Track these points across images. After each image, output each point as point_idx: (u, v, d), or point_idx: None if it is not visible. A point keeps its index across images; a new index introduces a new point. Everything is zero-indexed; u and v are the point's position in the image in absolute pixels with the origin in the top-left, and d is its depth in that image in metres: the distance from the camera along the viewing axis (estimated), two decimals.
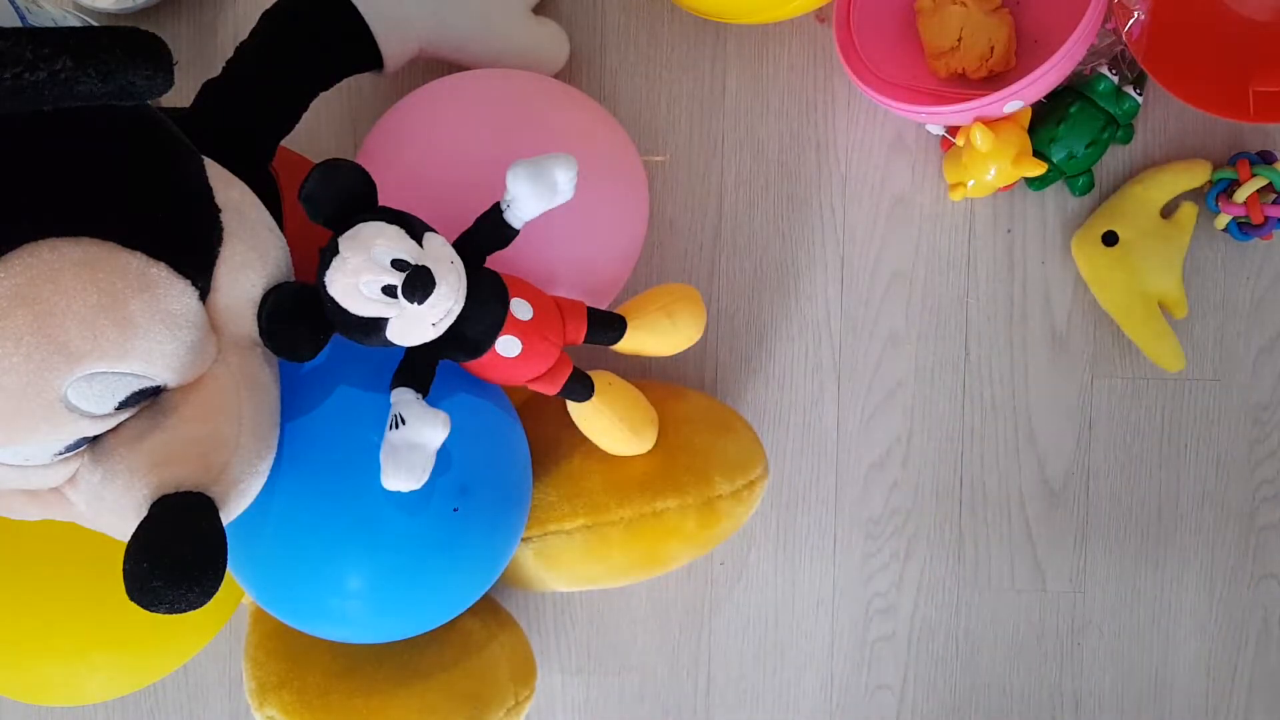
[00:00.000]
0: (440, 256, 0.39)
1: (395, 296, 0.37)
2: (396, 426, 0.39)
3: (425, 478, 0.38)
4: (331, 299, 0.38)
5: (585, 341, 0.47)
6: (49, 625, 0.44)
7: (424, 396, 0.42)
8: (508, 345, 0.43)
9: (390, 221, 0.39)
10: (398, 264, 0.38)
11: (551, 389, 0.46)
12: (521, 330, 0.43)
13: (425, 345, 0.41)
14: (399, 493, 0.39)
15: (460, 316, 0.41)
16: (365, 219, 0.39)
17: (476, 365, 0.44)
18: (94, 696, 0.45)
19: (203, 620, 0.47)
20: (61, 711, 0.56)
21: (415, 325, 0.39)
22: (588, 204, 0.45)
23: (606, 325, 0.46)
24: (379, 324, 0.38)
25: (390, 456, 0.38)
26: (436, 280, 0.38)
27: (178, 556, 0.33)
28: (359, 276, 0.37)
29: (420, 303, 0.37)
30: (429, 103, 0.49)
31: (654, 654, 0.62)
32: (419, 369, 0.42)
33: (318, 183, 0.39)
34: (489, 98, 0.49)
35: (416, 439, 0.39)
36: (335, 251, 0.38)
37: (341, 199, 0.39)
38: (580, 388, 0.47)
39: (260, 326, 0.38)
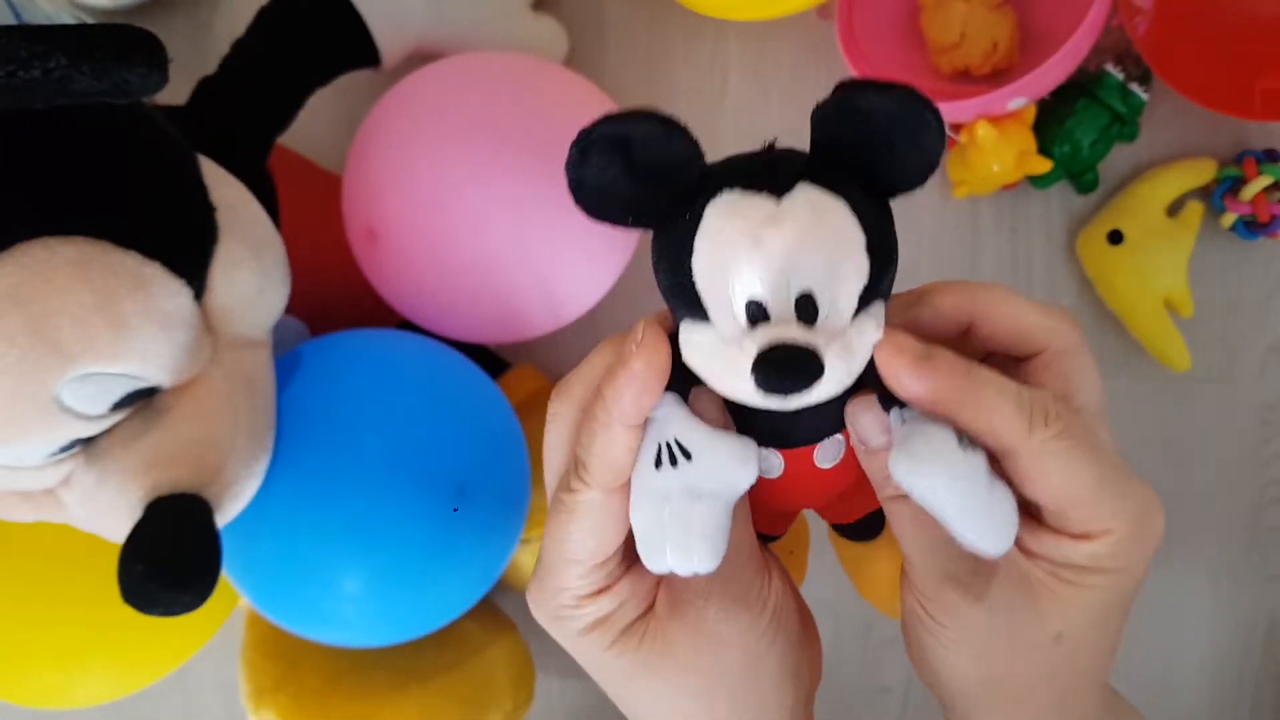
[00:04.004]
0: (862, 335, 0.24)
1: (751, 326, 0.24)
2: (671, 463, 0.25)
3: (722, 549, 0.24)
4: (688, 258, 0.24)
5: None
6: (42, 628, 0.43)
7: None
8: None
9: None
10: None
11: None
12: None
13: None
14: (396, 494, 0.38)
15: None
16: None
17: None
18: (88, 700, 0.45)
19: (198, 623, 0.47)
20: (55, 715, 0.55)
21: (730, 372, 0.24)
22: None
23: None
24: (695, 306, 0.24)
25: (671, 520, 0.24)
26: (825, 368, 0.23)
27: (172, 559, 0.33)
28: (741, 250, 0.23)
29: (779, 392, 0.23)
30: (415, 93, 0.48)
31: None
32: (689, 376, 0.25)
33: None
34: (479, 83, 0.48)
35: (708, 483, 0.25)
36: (698, 217, 0.24)
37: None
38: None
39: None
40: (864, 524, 0.33)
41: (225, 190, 0.38)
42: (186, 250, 0.35)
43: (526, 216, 0.45)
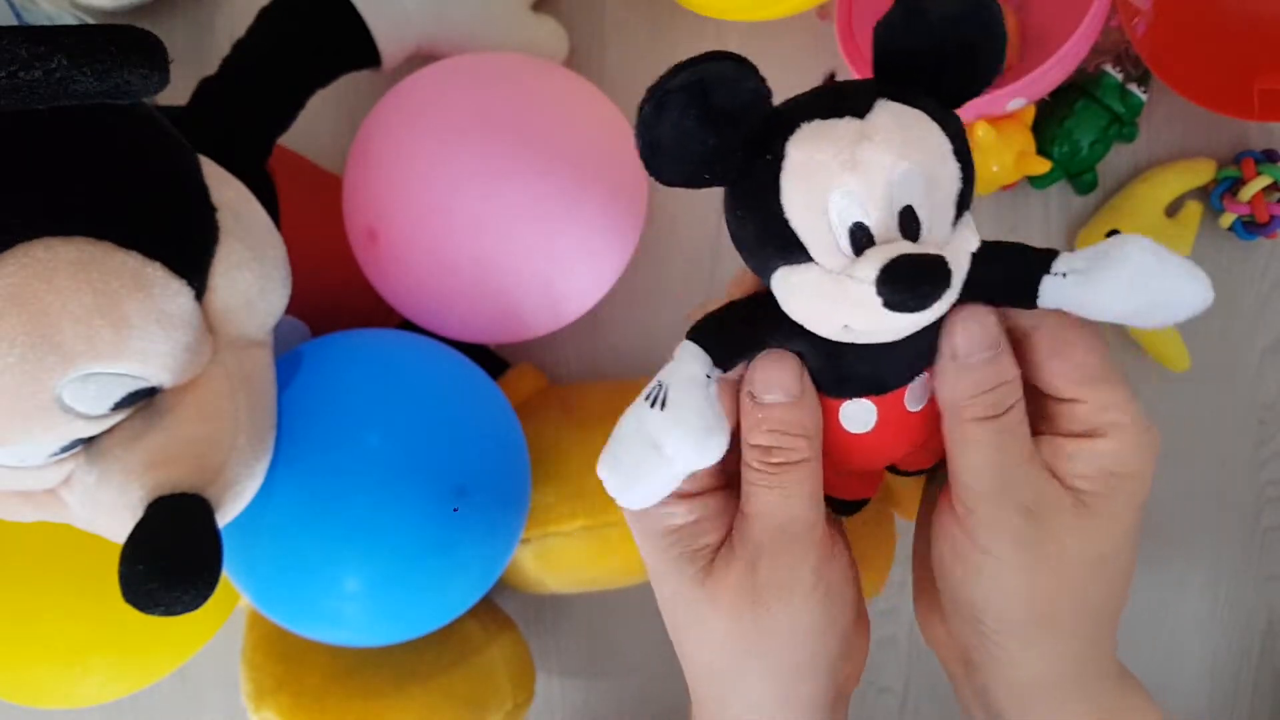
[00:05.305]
0: (963, 244, 0.24)
1: (856, 254, 0.23)
2: (655, 403, 0.25)
3: (656, 497, 0.26)
4: (772, 198, 0.23)
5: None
6: (44, 627, 0.43)
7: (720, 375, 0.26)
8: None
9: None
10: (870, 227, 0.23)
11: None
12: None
13: (781, 328, 0.26)
14: (396, 494, 0.38)
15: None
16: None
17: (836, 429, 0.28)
18: (89, 699, 0.45)
19: (199, 622, 0.47)
20: (56, 714, 0.55)
21: (842, 305, 0.23)
22: (585, 192, 0.45)
23: None
24: (792, 248, 0.23)
25: (623, 447, 0.25)
26: (952, 278, 0.22)
27: (173, 558, 0.33)
28: (839, 180, 0.23)
29: (910, 307, 0.22)
30: (415, 93, 0.48)
31: (655, 656, 0.62)
32: (738, 334, 0.26)
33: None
34: (475, 83, 0.48)
35: (664, 439, 0.25)
36: (780, 155, 0.23)
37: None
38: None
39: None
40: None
41: (226, 191, 0.38)
42: (188, 251, 0.35)
43: (526, 216, 0.45)
